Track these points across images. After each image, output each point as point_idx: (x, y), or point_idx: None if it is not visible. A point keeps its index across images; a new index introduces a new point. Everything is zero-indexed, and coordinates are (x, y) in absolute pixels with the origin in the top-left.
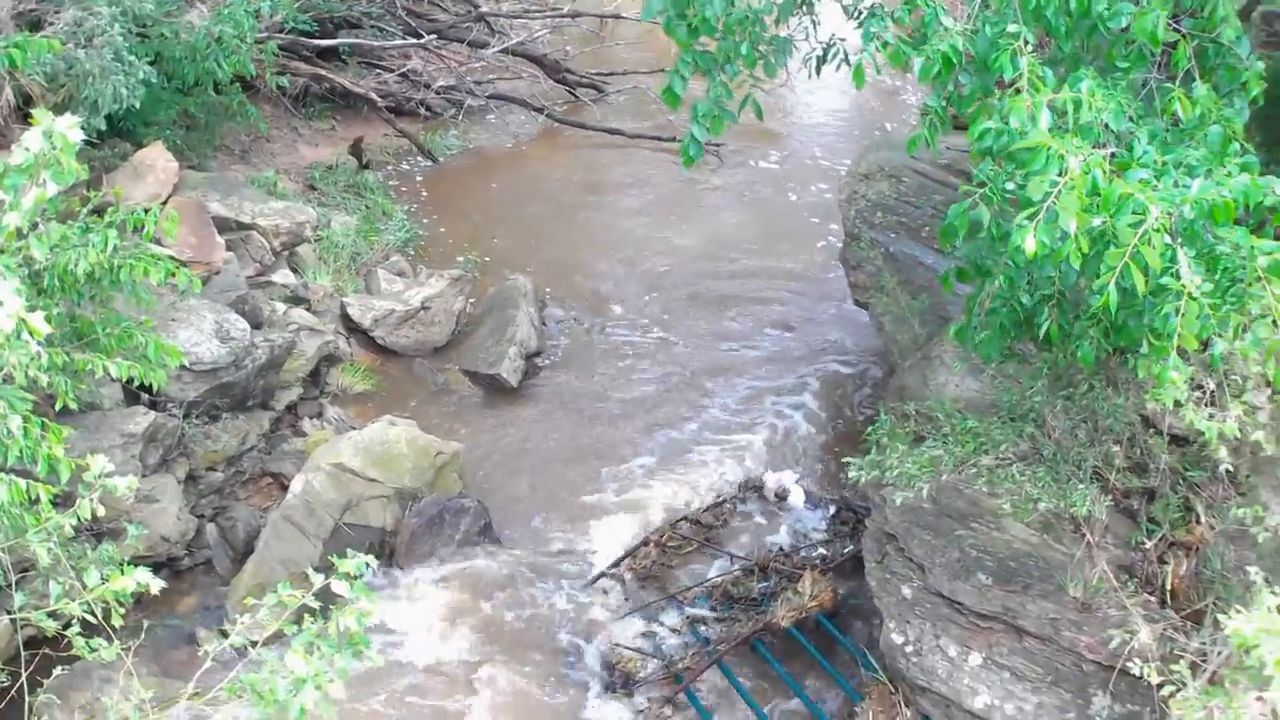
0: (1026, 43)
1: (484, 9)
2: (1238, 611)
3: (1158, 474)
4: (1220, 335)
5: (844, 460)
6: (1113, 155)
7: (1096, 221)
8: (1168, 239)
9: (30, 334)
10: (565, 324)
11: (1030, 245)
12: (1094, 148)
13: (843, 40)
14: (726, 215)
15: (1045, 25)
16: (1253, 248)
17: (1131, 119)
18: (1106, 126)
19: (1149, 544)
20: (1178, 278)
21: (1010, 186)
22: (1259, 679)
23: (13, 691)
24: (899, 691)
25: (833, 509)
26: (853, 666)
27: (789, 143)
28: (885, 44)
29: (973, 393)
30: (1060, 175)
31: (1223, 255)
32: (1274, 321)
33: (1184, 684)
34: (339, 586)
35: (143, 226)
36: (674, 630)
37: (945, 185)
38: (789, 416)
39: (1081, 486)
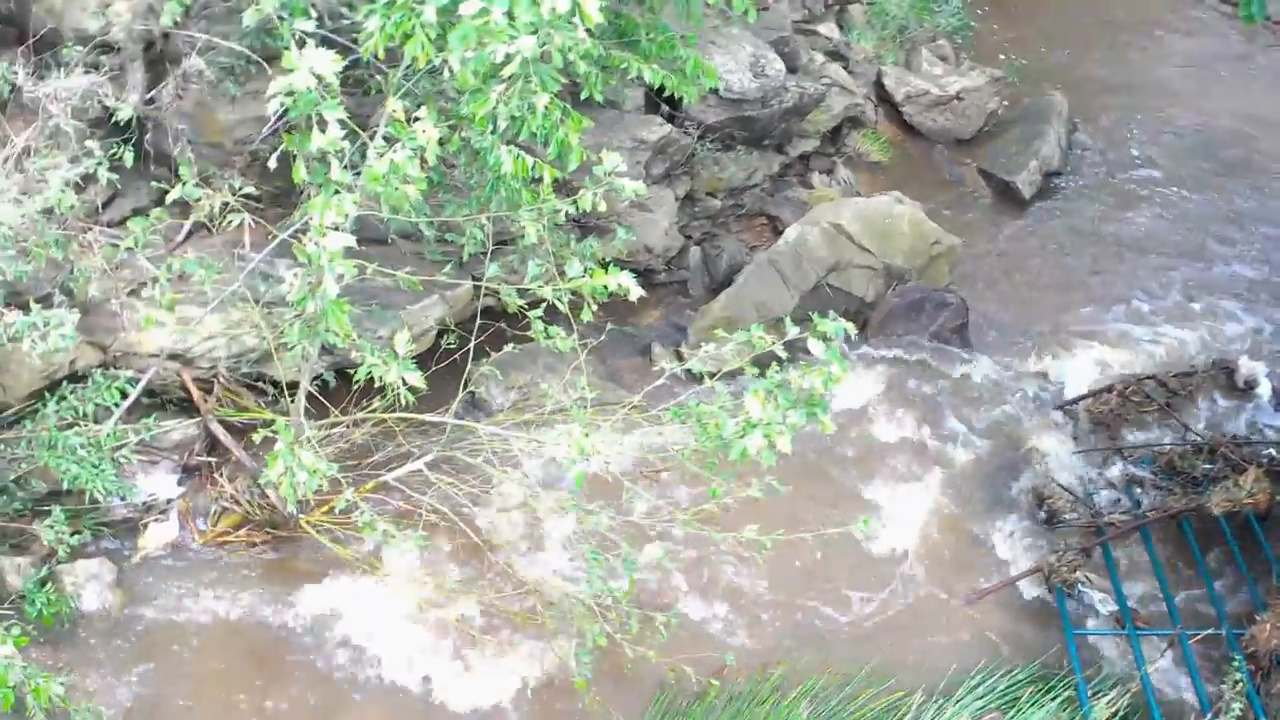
0: None
1: None
2: None
3: None
4: None
5: None
6: None
7: None
8: None
9: (581, 19)
10: (1090, 153)
11: None
12: None
13: None
14: (1268, 90)
15: None
16: None
17: None
18: None
19: None
20: None
21: None
22: None
23: (457, 355)
24: None
25: None
26: (1266, 576)
27: None
28: None
29: None
30: None
31: None
32: None
33: None
34: (814, 345)
35: None
36: (1110, 484)
37: None
38: None
39: None
